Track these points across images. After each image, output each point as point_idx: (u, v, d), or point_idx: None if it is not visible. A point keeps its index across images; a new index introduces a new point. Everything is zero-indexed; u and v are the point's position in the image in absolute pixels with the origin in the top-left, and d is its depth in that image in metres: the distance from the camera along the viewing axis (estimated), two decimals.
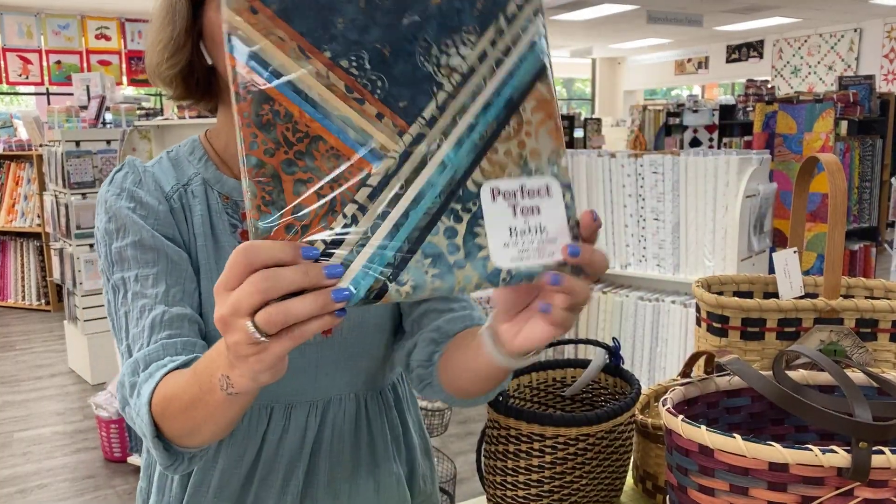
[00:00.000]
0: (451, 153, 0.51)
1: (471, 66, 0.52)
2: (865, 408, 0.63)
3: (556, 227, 0.53)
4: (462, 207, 0.51)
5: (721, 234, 2.62)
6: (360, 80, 0.50)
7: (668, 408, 0.70)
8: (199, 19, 0.82)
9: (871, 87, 4.32)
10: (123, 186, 0.83)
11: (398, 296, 0.50)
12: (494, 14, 0.52)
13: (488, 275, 0.52)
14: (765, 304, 1.03)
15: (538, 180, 0.53)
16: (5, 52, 9.22)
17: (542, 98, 0.53)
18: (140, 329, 0.77)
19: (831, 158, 1.07)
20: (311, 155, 0.49)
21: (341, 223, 0.49)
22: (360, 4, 0.50)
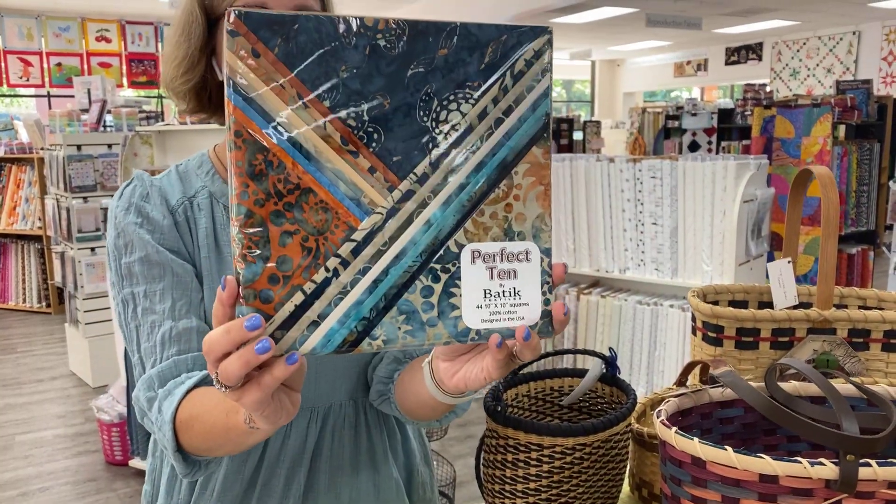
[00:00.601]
0: (437, 212, 0.51)
1: (469, 124, 0.51)
2: (853, 421, 0.65)
3: (530, 292, 0.53)
4: (441, 268, 0.51)
5: (719, 239, 2.64)
6: (357, 133, 0.49)
7: (663, 419, 0.71)
8: (214, 37, 0.85)
9: (869, 91, 4.34)
10: (131, 201, 0.86)
11: (370, 348, 0.50)
12: (502, 70, 0.51)
13: (458, 333, 0.52)
14: (759, 314, 1.05)
15: (519, 245, 0.53)
16: (6, 54, 9.24)
17: (536, 162, 0.53)
18: (151, 344, 0.80)
19: (824, 171, 1.09)
20: (301, 207, 0.49)
21: (322, 276, 0.49)
22: (366, 52, 0.49)
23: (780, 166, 3.81)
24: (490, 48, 0.51)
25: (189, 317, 0.82)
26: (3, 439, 3.49)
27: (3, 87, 9.40)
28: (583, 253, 2.98)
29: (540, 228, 0.53)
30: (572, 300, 2.92)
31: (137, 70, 9.98)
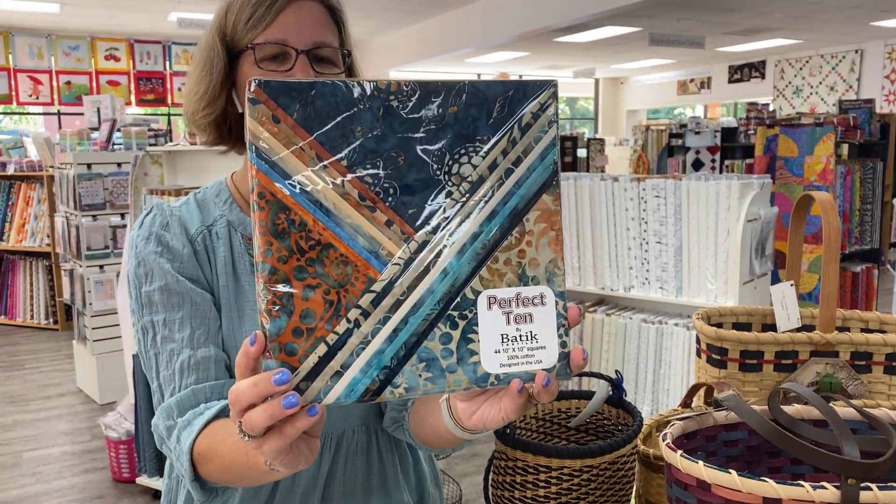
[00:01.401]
0: (453, 261, 0.53)
1: (480, 176, 0.53)
2: (854, 445, 0.66)
3: (547, 335, 0.55)
4: (459, 314, 0.53)
5: (723, 258, 2.66)
6: (373, 188, 0.52)
7: (668, 443, 0.73)
8: (234, 71, 0.88)
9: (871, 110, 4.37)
10: (151, 230, 0.89)
11: (392, 396, 0.52)
12: (509, 124, 0.53)
13: (477, 378, 0.54)
14: (762, 337, 1.07)
15: (534, 289, 0.54)
16: (16, 72, 9.36)
17: (547, 209, 0.55)
18: (170, 373, 0.82)
19: (825, 196, 1.12)
20: (322, 262, 0.51)
21: (344, 327, 0.51)
22: (379, 113, 0.51)
23: (784, 185, 3.83)
24: (497, 104, 0.53)
25: (207, 345, 0.84)
26: (10, 456, 3.50)
27: (13, 104, 9.51)
28: (587, 271, 3.00)
29: (553, 272, 0.55)
30: None
31: (145, 88, 10.09)
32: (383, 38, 10.54)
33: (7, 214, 6.00)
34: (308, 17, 0.87)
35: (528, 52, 11.05)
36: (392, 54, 10.51)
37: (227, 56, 0.87)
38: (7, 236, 5.94)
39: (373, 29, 9.94)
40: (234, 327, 0.87)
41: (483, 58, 11.46)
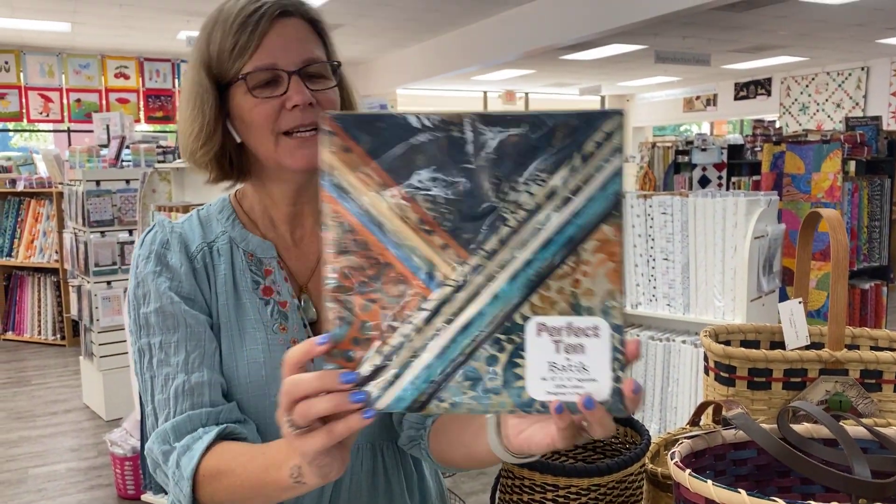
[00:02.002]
0: (505, 286, 0.54)
1: (538, 204, 0.53)
2: (864, 465, 0.66)
3: (598, 368, 0.54)
4: (507, 339, 0.54)
5: (730, 275, 2.65)
6: (432, 213, 0.54)
7: (676, 461, 0.73)
8: (227, 102, 0.86)
9: (878, 127, 4.36)
10: (152, 248, 0.88)
11: (437, 410, 0.54)
12: (570, 152, 0.53)
13: (521, 403, 0.54)
14: (770, 354, 1.07)
15: (587, 320, 0.54)
16: (27, 90, 9.47)
17: (606, 239, 0.53)
18: (165, 397, 0.82)
19: (832, 213, 1.11)
20: (380, 279, 0.54)
21: (398, 340, 0.54)
22: (442, 142, 0.53)
23: (791, 202, 3.83)
24: (560, 133, 0.53)
25: (201, 370, 0.83)
26: (16, 472, 3.50)
27: (24, 122, 9.61)
28: None
29: (610, 305, 0.54)
30: None
31: (154, 105, 10.19)
32: (390, 56, 10.63)
33: (16, 230, 6.04)
34: (293, 35, 0.86)
35: (534, 69, 11.12)
36: (399, 72, 10.59)
37: (216, 89, 0.86)
38: (16, 252, 5.98)
39: (380, 47, 10.03)
40: (234, 346, 0.87)
41: (489, 76, 11.53)
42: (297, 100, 0.83)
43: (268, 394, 0.85)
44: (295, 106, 0.83)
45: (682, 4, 6.00)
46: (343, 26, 8.46)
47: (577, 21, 7.16)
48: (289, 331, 0.89)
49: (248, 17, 0.84)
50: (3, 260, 5.99)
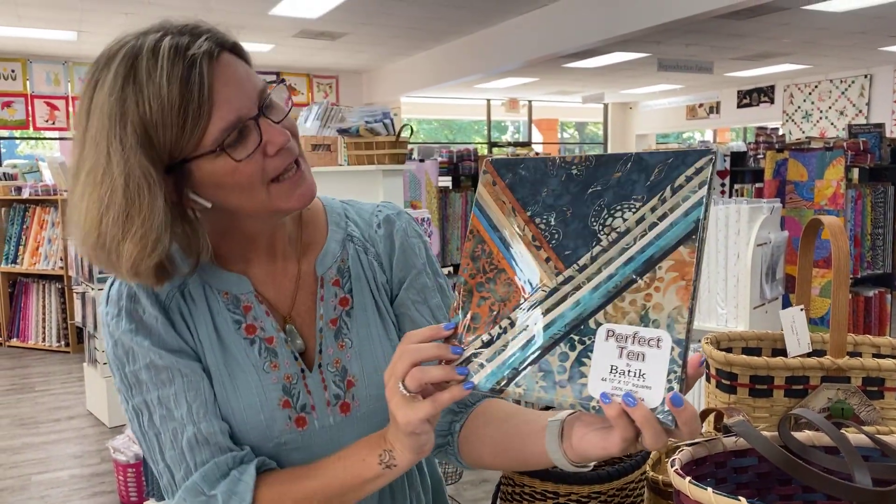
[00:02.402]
0: (587, 295, 0.62)
1: (627, 227, 0.61)
2: (865, 473, 0.66)
3: (655, 377, 0.58)
4: (578, 339, 0.61)
5: (733, 283, 2.64)
6: (544, 233, 0.65)
7: (676, 469, 0.73)
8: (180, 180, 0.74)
9: (881, 135, 4.36)
10: (120, 306, 0.81)
11: (513, 394, 0.63)
12: (663, 185, 0.60)
13: (582, 399, 0.60)
14: (772, 362, 1.06)
15: (653, 332, 0.58)
16: (33, 98, 9.53)
17: (681, 259, 0.59)
18: (178, 452, 0.78)
19: (833, 220, 1.12)
20: (495, 281, 0.67)
21: (496, 331, 0.65)
22: (562, 179, 0.65)
23: (794, 209, 3.82)
24: (657, 169, 0.61)
25: (209, 419, 0.79)
26: (19, 479, 3.50)
27: (30, 129, 9.66)
28: None
29: (675, 319, 0.58)
30: None
31: None
32: (394, 64, 10.67)
33: (22, 238, 6.07)
34: (233, 74, 0.73)
35: (536, 77, 11.14)
36: (402, 81, 10.63)
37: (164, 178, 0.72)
38: (21, 259, 6.00)
39: (383, 56, 10.07)
40: (227, 394, 0.82)
41: (492, 84, 11.56)
42: (280, 142, 0.75)
43: (269, 437, 0.82)
44: (277, 150, 0.75)
45: (685, 13, 6.01)
46: (347, 35, 8.50)
47: (580, 29, 7.18)
48: (280, 367, 0.84)
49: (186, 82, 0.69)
50: (8, 267, 6.01)
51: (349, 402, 0.86)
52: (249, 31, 8.11)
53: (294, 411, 0.84)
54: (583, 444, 0.66)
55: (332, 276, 0.90)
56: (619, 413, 0.58)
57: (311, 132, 3.26)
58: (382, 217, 0.95)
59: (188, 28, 0.74)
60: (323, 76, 11.09)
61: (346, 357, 0.87)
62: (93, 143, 0.71)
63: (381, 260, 0.93)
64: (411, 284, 0.92)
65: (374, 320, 0.90)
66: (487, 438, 0.83)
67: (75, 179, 0.73)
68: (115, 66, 0.71)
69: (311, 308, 0.89)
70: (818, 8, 7.05)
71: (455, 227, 4.51)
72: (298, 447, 0.84)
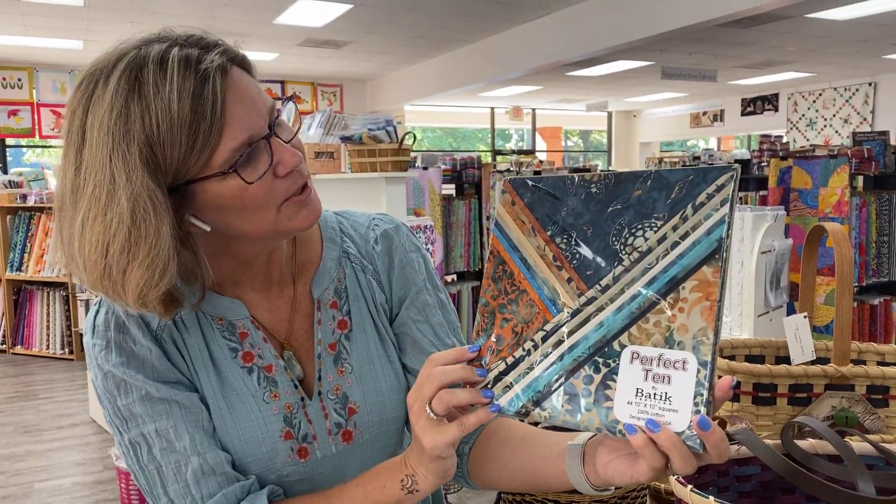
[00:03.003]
0: (610, 316, 0.61)
1: (649, 247, 0.60)
2: (869, 481, 0.65)
3: (681, 400, 0.56)
4: (603, 362, 0.60)
5: (737, 290, 2.63)
6: (565, 253, 0.64)
7: (678, 477, 0.72)
8: (184, 202, 0.70)
9: (886, 142, 4.35)
10: (108, 337, 0.75)
11: (538, 418, 0.62)
12: (685, 203, 0.59)
13: (608, 423, 0.59)
14: (775, 369, 1.06)
15: (678, 354, 0.57)
16: (39, 107, 9.58)
17: (705, 280, 0.57)
18: (183, 486, 0.74)
19: (837, 228, 1.11)
20: (517, 302, 0.65)
21: (520, 354, 0.64)
22: (581, 197, 0.64)
23: (799, 217, 3.81)
24: (677, 186, 0.60)
25: (213, 449, 0.76)
26: (22, 486, 3.50)
27: (36, 138, 9.71)
28: None
29: (701, 341, 0.57)
30: None
31: None
32: (398, 72, 10.70)
33: (26, 245, 6.09)
34: (245, 92, 0.70)
35: (540, 85, 11.17)
36: (407, 89, 10.66)
37: (168, 201, 0.67)
38: (26, 267, 6.02)
39: (388, 64, 10.10)
40: (227, 426, 0.78)
41: (496, 92, 11.59)
42: (293, 163, 0.72)
43: (272, 469, 0.79)
44: (289, 171, 0.72)
45: (689, 21, 6.02)
46: (352, 43, 8.53)
47: (584, 37, 7.20)
48: (280, 397, 0.81)
49: (198, 99, 0.65)
50: (13, 274, 6.03)
51: (351, 430, 0.83)
52: (254, 40, 8.15)
53: (296, 442, 0.81)
54: (608, 471, 0.64)
55: (329, 298, 0.87)
56: (646, 442, 0.57)
57: (314, 140, 3.27)
58: (380, 232, 0.91)
59: (194, 39, 0.69)
60: (327, 84, 11.13)
61: (346, 384, 0.84)
62: (92, 163, 0.65)
63: (379, 278, 0.89)
64: (412, 303, 0.89)
65: (374, 342, 0.87)
66: (503, 460, 0.81)
67: (73, 207, 0.66)
68: (115, 78, 0.66)
69: (309, 332, 0.85)
70: (821, 16, 7.06)
71: (458, 234, 4.51)
72: (301, 478, 0.81)
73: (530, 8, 7.21)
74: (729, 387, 0.56)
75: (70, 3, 6.50)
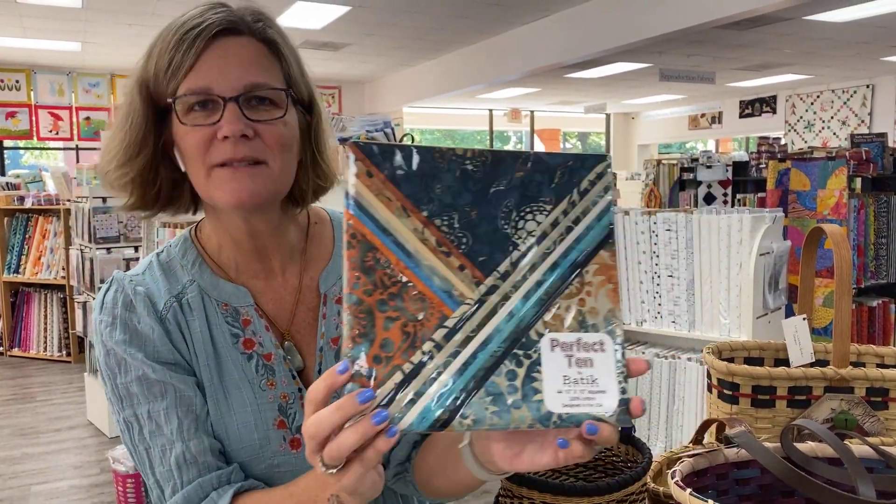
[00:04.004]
0: (518, 304, 0.58)
1: (543, 231, 0.59)
2: (869, 484, 0.64)
3: (606, 381, 0.57)
4: (524, 354, 0.57)
5: (736, 292, 2.63)
6: (449, 237, 0.58)
7: (677, 480, 0.72)
8: (168, 126, 0.79)
9: (884, 144, 4.35)
10: (115, 314, 0.80)
11: (461, 427, 0.55)
12: (569, 188, 0.59)
13: (541, 416, 0.56)
14: (774, 371, 1.05)
15: (594, 336, 0.58)
16: (37, 108, 9.57)
17: (605, 263, 0.59)
18: (167, 469, 0.77)
19: (835, 229, 1.11)
20: (401, 297, 0.56)
21: (419, 358, 0.55)
22: (457, 174, 0.58)
23: (797, 219, 3.81)
24: (559, 171, 0.59)
25: (199, 436, 0.78)
26: (19, 490, 3.49)
27: (34, 140, 9.70)
28: None
29: (611, 321, 0.58)
30: None
31: None
32: (397, 74, 10.71)
33: (24, 247, 6.08)
34: (235, 57, 0.76)
35: (539, 87, 11.17)
36: (405, 91, 10.66)
37: (148, 110, 0.78)
38: (23, 269, 6.01)
39: (387, 66, 10.11)
40: (221, 411, 0.80)
41: (495, 94, 11.59)
42: (228, 130, 0.75)
43: (262, 457, 0.80)
44: (226, 137, 0.75)
45: (687, 23, 6.03)
46: (350, 45, 8.53)
47: (583, 39, 7.20)
48: (277, 386, 0.82)
49: (186, 32, 0.75)
50: (10, 276, 6.02)
51: None
52: None
53: (289, 432, 0.81)
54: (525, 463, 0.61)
55: (335, 294, 0.88)
56: (578, 435, 0.56)
57: None
58: None
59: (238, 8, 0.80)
60: (326, 86, 11.13)
61: None
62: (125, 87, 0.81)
63: None
64: None
65: None
66: (426, 465, 0.80)
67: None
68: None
69: (312, 325, 0.87)
70: (819, 18, 7.07)
71: None
72: (291, 470, 0.80)
73: (529, 10, 7.21)
74: (646, 365, 0.58)
75: (68, 4, 6.50)
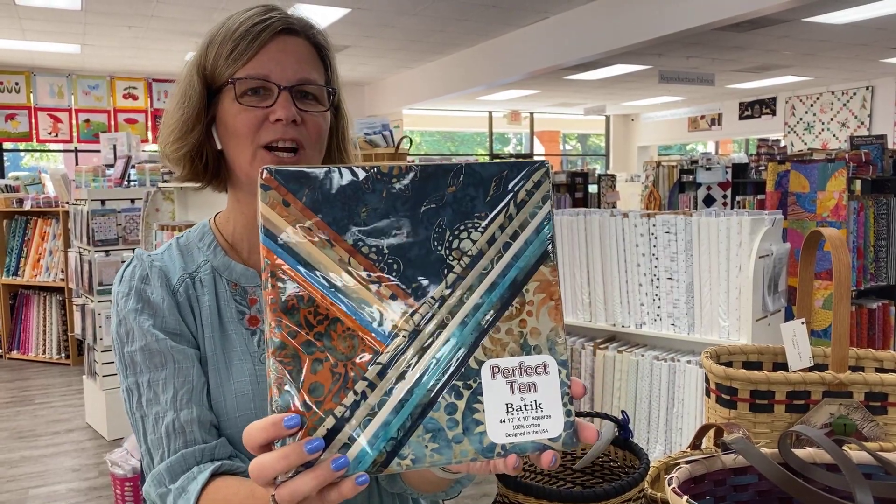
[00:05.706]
0: (456, 332, 0.54)
1: (480, 250, 0.55)
2: (867, 491, 0.64)
3: (551, 404, 0.54)
4: (463, 384, 0.53)
5: (735, 295, 2.62)
6: (378, 264, 0.53)
7: (674, 487, 0.71)
8: (214, 106, 0.86)
9: (883, 146, 4.35)
10: (131, 285, 0.86)
11: (399, 468, 0.52)
12: (505, 200, 0.55)
13: (483, 449, 0.53)
14: (773, 376, 1.05)
15: (536, 358, 0.55)
16: (37, 111, 9.57)
17: (545, 279, 0.55)
18: (157, 437, 0.81)
19: (834, 233, 1.10)
20: (329, 336, 0.52)
21: (351, 399, 0.52)
22: (383, 194, 0.54)
23: (797, 221, 3.81)
24: (493, 182, 0.55)
25: (190, 406, 0.81)
26: (17, 493, 3.48)
27: (34, 142, 9.70)
28: (598, 307, 2.98)
29: (554, 341, 0.55)
30: (588, 355, 2.90)
31: None
32: (396, 76, 10.71)
33: (23, 249, 6.07)
34: (292, 53, 0.86)
35: (538, 89, 11.17)
36: (404, 93, 10.66)
37: (204, 90, 0.86)
38: (22, 271, 6.00)
39: (386, 68, 10.11)
40: (221, 380, 0.85)
41: (494, 96, 11.60)
42: (282, 114, 0.83)
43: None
44: (278, 120, 0.83)
45: (686, 25, 6.03)
46: (349, 47, 8.53)
47: (582, 41, 7.21)
48: None
49: (251, 27, 0.84)
50: (9, 279, 6.01)
51: None
52: None
53: None
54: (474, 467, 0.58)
55: None
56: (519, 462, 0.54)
57: None
58: None
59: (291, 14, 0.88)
60: None
61: None
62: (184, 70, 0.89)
63: None
64: None
65: None
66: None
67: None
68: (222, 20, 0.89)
69: None
70: (819, 20, 7.07)
71: None
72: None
73: (528, 12, 7.21)
74: (582, 387, 0.56)
75: (68, 7, 6.50)
